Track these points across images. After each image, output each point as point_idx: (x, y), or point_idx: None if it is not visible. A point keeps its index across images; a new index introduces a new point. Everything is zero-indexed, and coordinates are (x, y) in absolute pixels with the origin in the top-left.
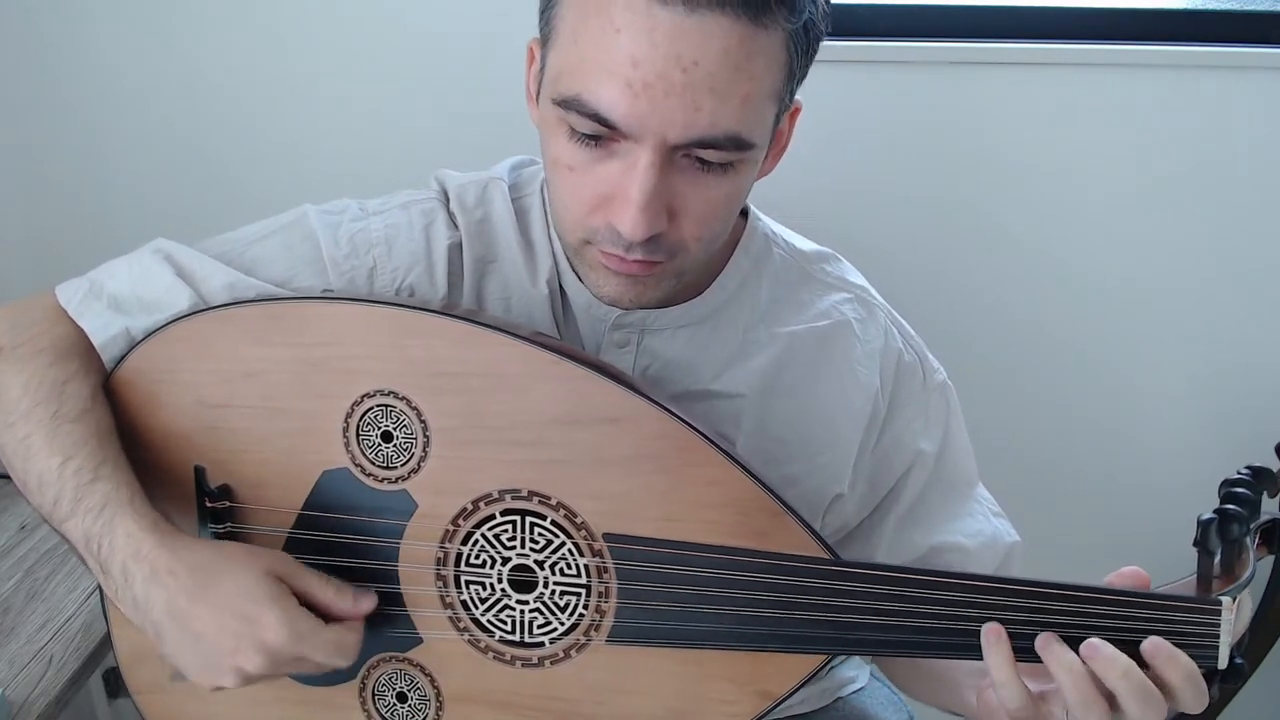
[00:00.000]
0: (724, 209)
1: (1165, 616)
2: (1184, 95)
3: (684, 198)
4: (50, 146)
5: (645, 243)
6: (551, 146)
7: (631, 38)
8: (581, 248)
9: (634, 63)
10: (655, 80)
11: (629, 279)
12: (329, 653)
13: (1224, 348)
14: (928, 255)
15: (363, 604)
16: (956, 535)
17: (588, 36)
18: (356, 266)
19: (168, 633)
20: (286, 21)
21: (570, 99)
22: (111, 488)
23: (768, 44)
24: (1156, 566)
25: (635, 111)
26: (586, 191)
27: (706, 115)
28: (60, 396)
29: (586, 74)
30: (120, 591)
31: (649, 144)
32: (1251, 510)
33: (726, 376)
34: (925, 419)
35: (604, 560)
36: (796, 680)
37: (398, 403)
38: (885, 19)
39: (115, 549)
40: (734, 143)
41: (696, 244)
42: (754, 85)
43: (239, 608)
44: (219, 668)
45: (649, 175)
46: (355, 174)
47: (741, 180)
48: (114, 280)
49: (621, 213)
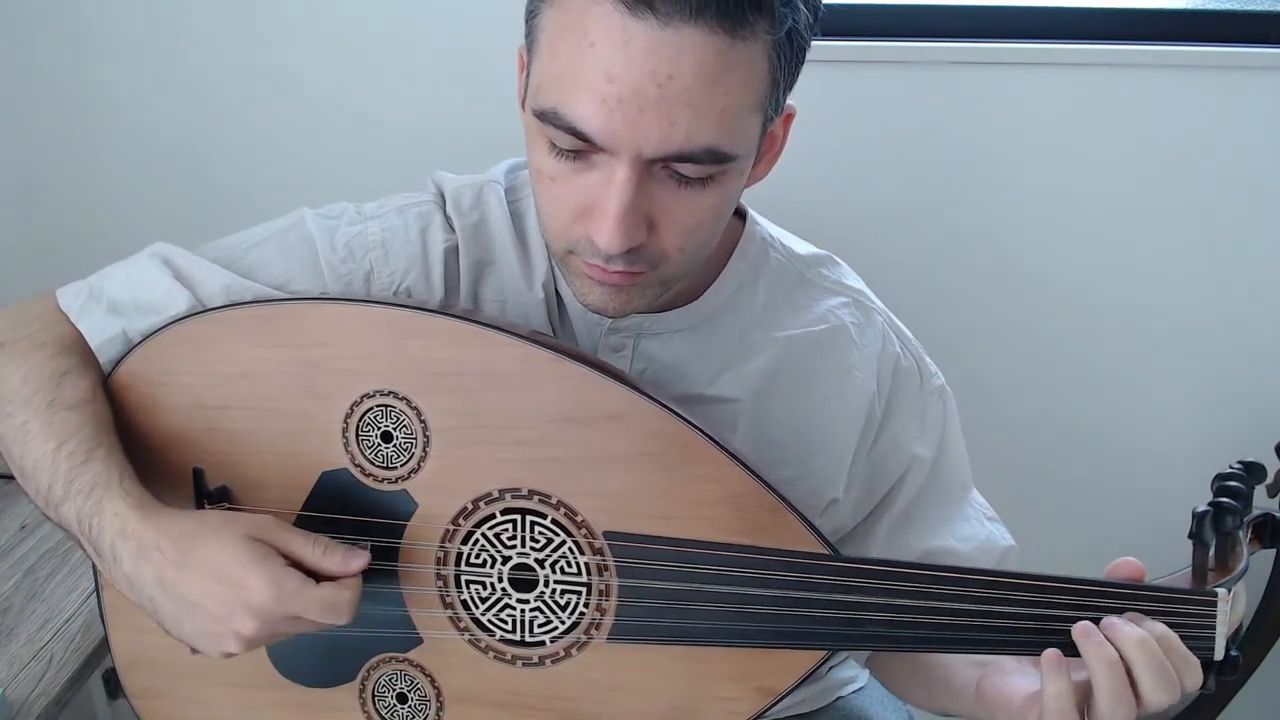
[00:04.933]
0: (708, 220)
1: (1161, 607)
2: (1184, 95)
3: (664, 210)
4: (50, 151)
5: (625, 254)
6: (534, 156)
7: (606, 52)
8: (566, 257)
9: (609, 77)
10: (630, 95)
11: (612, 288)
12: (320, 610)
13: (1224, 350)
14: (926, 256)
15: (352, 562)
16: (950, 540)
17: (564, 50)
18: (353, 270)
19: (163, 606)
20: (284, 26)
21: (547, 112)
22: (102, 469)
23: (747, 56)
24: (1156, 571)
25: (610, 126)
26: (568, 202)
27: (682, 129)
28: (58, 386)
29: (563, 88)
30: (112, 570)
31: (625, 158)
32: (1244, 504)
33: (722, 381)
34: (922, 424)
35: (604, 558)
36: (797, 676)
37: (397, 403)
38: (885, 19)
39: (104, 528)
40: (712, 156)
41: (680, 255)
42: (732, 98)
43: (224, 572)
44: (218, 634)
45: (625, 189)
46: (353, 177)
47: (725, 191)
48: (113, 284)
49: (599, 225)
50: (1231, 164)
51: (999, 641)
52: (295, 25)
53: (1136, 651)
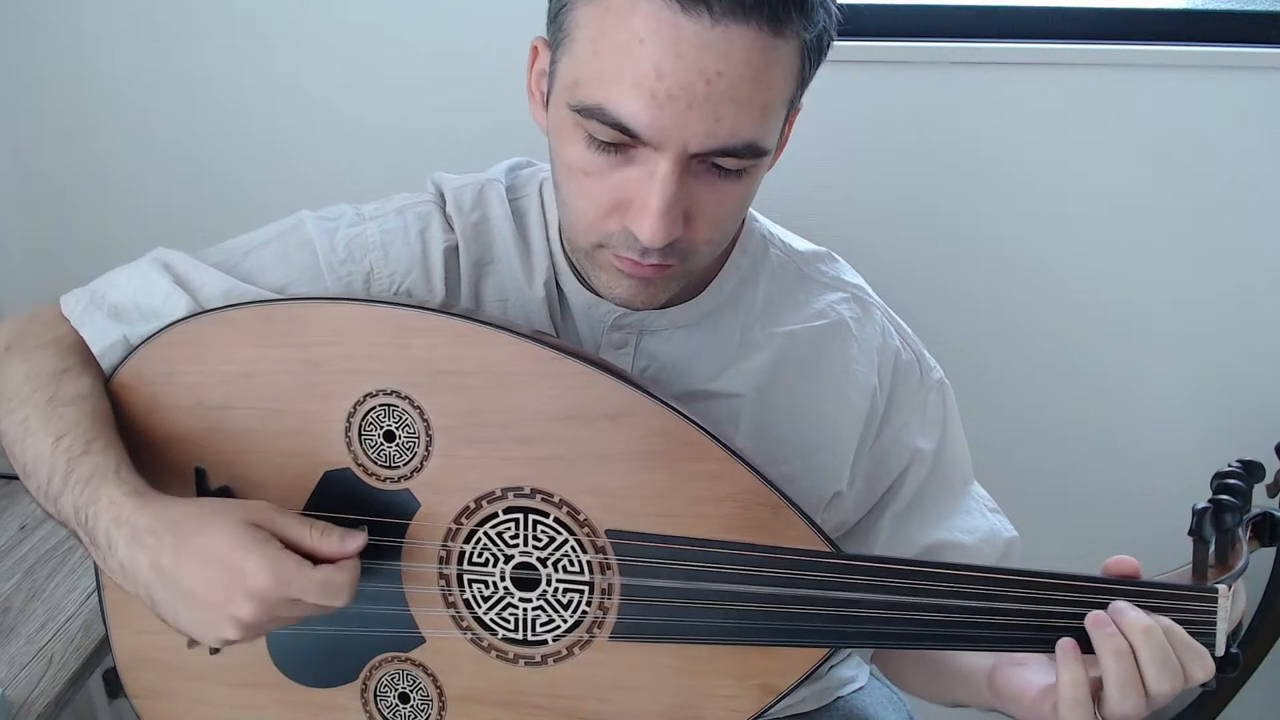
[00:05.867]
0: (736, 212)
1: (1164, 604)
2: (1184, 95)
3: (700, 203)
4: (51, 151)
5: (662, 248)
6: (566, 152)
7: (657, 49)
8: (594, 251)
9: (659, 74)
10: (680, 92)
11: (642, 281)
12: (319, 593)
13: (1224, 350)
14: (925, 255)
15: (349, 543)
16: (954, 532)
17: (610, 47)
18: (353, 272)
19: (159, 594)
20: (284, 28)
21: (592, 108)
22: (100, 460)
23: (785, 54)
24: (1155, 570)
25: (659, 122)
26: (603, 196)
27: (727, 125)
28: (57, 383)
29: (609, 84)
30: (106, 558)
31: (670, 153)
32: (1243, 501)
33: (724, 377)
34: (923, 417)
35: (607, 557)
36: (799, 674)
37: (400, 402)
38: (885, 19)
39: (100, 517)
40: (752, 151)
41: (707, 246)
42: (772, 94)
43: (222, 558)
44: (216, 621)
45: (669, 183)
46: (352, 178)
47: (753, 184)
48: (114, 290)
49: (640, 220)
50: (1231, 164)
51: (1001, 639)
52: (295, 26)
53: (1142, 639)
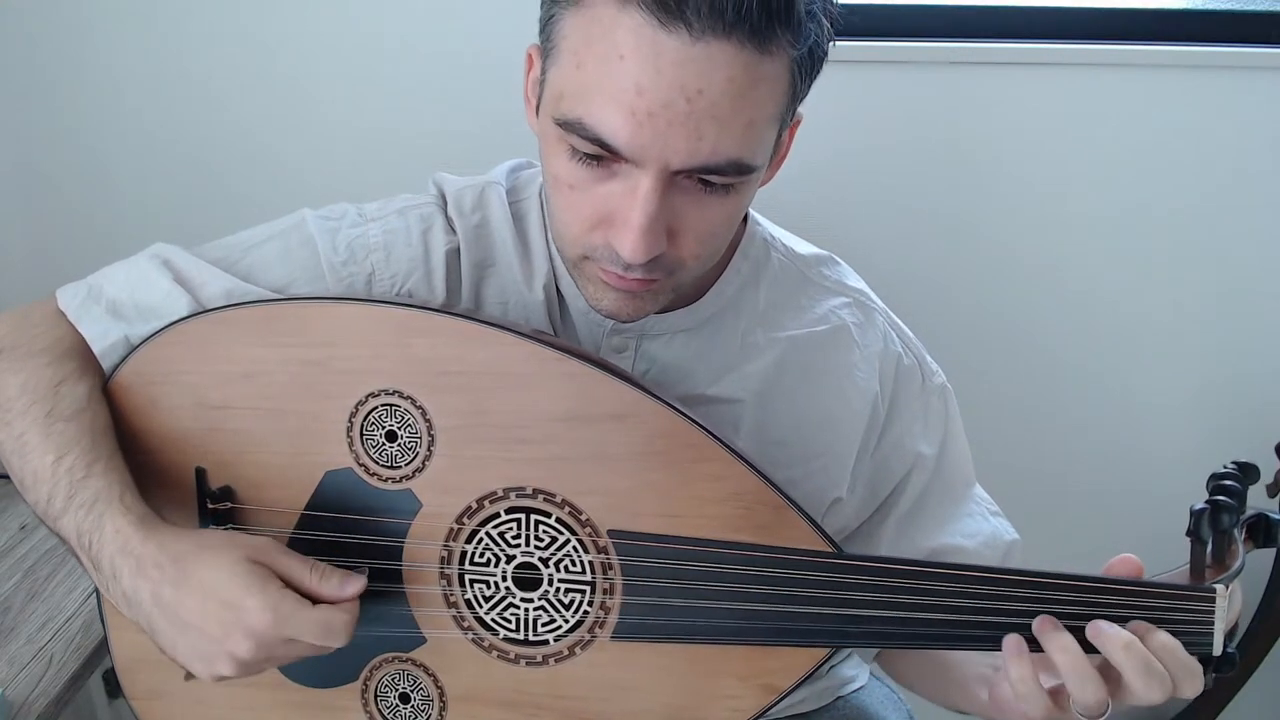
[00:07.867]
0: (723, 227)
1: (1161, 603)
2: (1184, 95)
3: (684, 218)
4: (51, 151)
5: (645, 263)
6: (552, 163)
7: (637, 65)
8: (580, 262)
9: (639, 90)
10: (660, 109)
11: (627, 294)
12: (317, 634)
13: (1224, 350)
14: (926, 256)
15: (348, 588)
16: (956, 536)
17: (591, 61)
18: (354, 273)
19: (160, 625)
20: (284, 28)
21: (572, 122)
22: (104, 484)
23: (771, 70)
24: (1154, 570)
25: (639, 139)
26: (586, 210)
27: (709, 143)
28: (55, 396)
29: (590, 99)
30: (111, 587)
31: (651, 170)
32: (1239, 502)
33: (725, 381)
34: (925, 422)
35: (609, 557)
36: (800, 674)
37: (402, 402)
38: (885, 19)
39: (104, 544)
40: (736, 168)
41: (695, 261)
42: (757, 111)
43: (222, 594)
44: (212, 656)
45: (650, 200)
46: (353, 178)
47: (741, 199)
48: (113, 285)
49: (622, 236)
50: (1232, 164)
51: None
52: (296, 26)
53: (1122, 654)
